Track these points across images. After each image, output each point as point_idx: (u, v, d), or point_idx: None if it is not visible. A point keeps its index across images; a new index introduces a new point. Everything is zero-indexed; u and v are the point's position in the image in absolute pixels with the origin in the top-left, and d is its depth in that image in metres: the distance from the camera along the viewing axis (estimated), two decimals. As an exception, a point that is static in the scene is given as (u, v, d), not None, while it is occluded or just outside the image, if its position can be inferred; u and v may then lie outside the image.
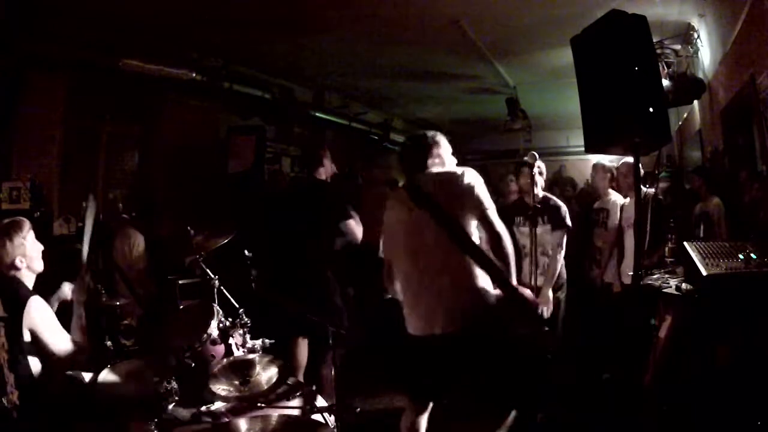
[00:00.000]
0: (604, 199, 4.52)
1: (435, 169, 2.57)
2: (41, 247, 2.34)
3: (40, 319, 2.10)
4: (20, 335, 2.05)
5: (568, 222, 3.77)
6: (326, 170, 3.76)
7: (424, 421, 2.49)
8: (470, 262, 2.32)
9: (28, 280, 2.25)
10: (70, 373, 2.23)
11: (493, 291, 2.35)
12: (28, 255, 2.26)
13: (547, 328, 2.57)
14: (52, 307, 2.33)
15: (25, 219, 2.35)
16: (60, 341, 2.18)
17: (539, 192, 3.71)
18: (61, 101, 4.73)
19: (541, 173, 3.77)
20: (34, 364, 2.16)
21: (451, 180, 2.43)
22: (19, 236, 2.24)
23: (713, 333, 2.51)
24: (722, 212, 3.81)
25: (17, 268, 2.21)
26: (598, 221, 4.49)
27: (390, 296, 2.63)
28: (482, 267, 2.32)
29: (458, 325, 2.29)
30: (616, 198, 4.38)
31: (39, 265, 2.31)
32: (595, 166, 4.69)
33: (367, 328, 4.60)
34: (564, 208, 3.81)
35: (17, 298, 2.11)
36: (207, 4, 4.38)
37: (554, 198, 3.92)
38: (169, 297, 4.13)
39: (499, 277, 2.32)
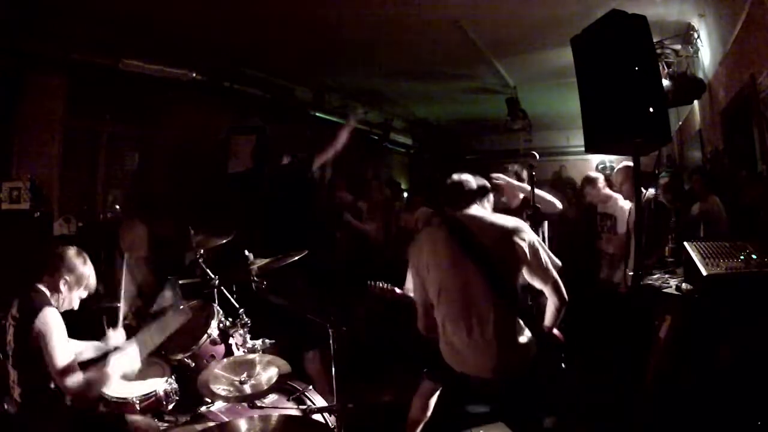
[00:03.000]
0: (607, 204, 4.39)
1: (480, 213, 2.45)
2: (78, 302, 2.34)
3: (50, 327, 2.06)
4: (28, 337, 2.05)
5: None
6: None
7: (434, 398, 2.65)
8: (513, 314, 2.33)
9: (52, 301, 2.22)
10: None
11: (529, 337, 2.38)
12: (70, 297, 2.26)
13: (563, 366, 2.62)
14: None
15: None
16: (61, 356, 2.07)
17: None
18: (61, 101, 4.73)
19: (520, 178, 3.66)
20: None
21: (505, 232, 2.34)
22: (89, 280, 2.29)
23: (713, 333, 2.51)
24: (722, 211, 3.81)
25: (56, 286, 2.20)
26: (605, 227, 4.36)
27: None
28: (524, 321, 2.35)
29: (500, 374, 2.33)
30: (623, 203, 4.24)
31: (66, 305, 2.28)
32: (586, 181, 4.51)
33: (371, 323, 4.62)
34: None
35: (33, 305, 2.10)
36: (207, 4, 4.38)
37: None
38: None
39: (539, 329, 2.38)
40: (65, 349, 2.10)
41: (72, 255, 2.25)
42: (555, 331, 2.50)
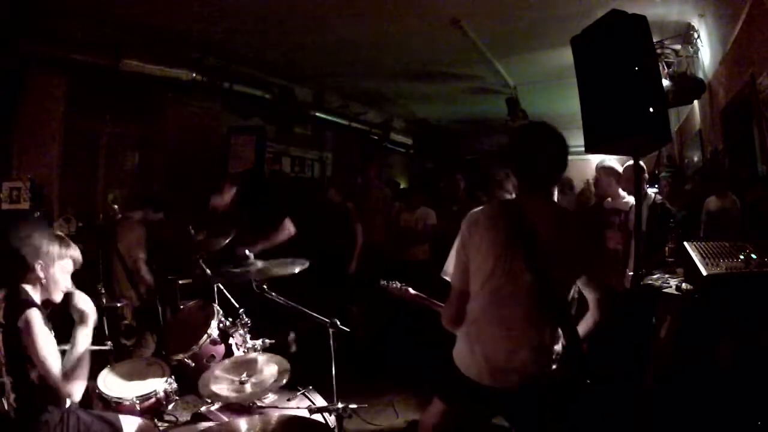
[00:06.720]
0: (617, 201, 4.16)
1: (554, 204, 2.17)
2: (68, 285, 2.25)
3: (31, 330, 2.01)
4: (18, 342, 2.01)
5: None
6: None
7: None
8: (556, 322, 1.99)
9: (36, 297, 2.17)
10: None
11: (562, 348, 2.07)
12: (53, 276, 2.18)
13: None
14: None
15: (78, 251, 2.28)
16: (46, 357, 2.02)
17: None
18: (61, 101, 4.73)
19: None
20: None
21: (573, 227, 2.03)
22: (62, 250, 2.20)
23: (713, 333, 2.51)
24: (739, 209, 3.75)
25: (36, 276, 2.14)
26: (614, 223, 4.14)
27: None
28: (564, 330, 1.99)
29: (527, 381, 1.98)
30: (630, 199, 4.05)
31: (56, 297, 2.23)
32: (602, 169, 4.27)
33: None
34: None
35: (18, 305, 2.06)
36: (207, 4, 4.38)
37: None
38: (169, 297, 4.13)
39: (576, 341, 1.98)
40: (53, 353, 2.05)
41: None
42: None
